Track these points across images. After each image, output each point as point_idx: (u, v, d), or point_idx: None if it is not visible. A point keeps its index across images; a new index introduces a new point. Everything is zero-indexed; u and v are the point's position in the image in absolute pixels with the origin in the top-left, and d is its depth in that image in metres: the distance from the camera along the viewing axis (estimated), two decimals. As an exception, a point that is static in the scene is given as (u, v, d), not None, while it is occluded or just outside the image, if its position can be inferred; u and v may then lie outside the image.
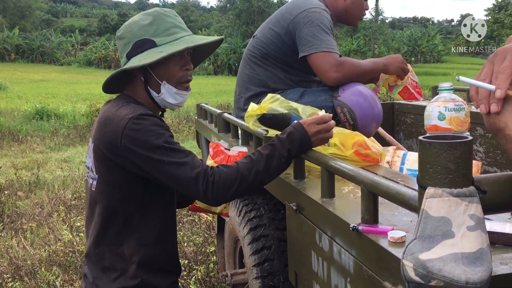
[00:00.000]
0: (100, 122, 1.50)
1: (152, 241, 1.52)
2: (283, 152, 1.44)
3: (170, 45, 1.51)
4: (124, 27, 1.56)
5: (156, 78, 1.52)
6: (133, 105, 1.47)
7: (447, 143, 0.79)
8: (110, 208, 1.49)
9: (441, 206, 0.79)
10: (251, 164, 1.42)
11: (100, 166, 1.49)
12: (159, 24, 1.53)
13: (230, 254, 2.93)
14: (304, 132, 1.47)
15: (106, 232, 1.51)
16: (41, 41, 42.78)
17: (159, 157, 1.38)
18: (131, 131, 1.39)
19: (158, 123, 1.43)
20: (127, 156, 1.41)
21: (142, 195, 1.49)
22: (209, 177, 1.38)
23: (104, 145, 1.45)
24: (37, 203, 5.34)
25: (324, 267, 1.30)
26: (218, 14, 67.35)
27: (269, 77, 2.38)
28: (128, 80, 1.57)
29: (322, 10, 2.29)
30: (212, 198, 1.39)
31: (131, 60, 1.51)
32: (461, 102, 1.08)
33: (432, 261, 0.78)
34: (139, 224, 1.50)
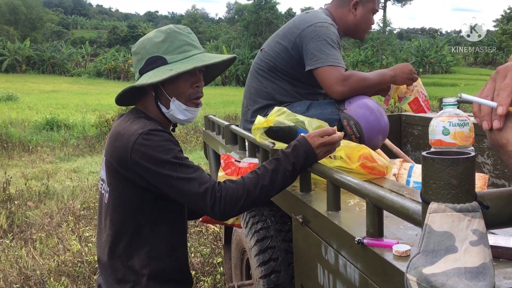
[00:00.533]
0: (111, 136, 1.53)
1: (162, 254, 1.54)
2: (288, 166, 1.46)
3: (180, 63, 1.53)
4: (138, 43, 1.60)
5: (166, 94, 1.55)
6: (143, 120, 1.50)
7: (450, 159, 0.80)
8: (121, 221, 1.52)
9: (444, 221, 0.81)
10: (257, 179, 1.44)
11: (111, 179, 1.52)
12: (171, 42, 1.56)
13: (237, 265, 2.94)
14: (309, 145, 1.49)
15: (117, 244, 1.53)
16: (52, 52, 43.35)
17: (168, 172, 1.40)
18: (140, 146, 1.42)
19: (167, 139, 1.46)
20: (137, 170, 1.44)
21: (152, 209, 1.51)
22: (216, 192, 1.40)
23: (115, 159, 1.48)
24: (47, 213, 5.38)
25: (330, 280, 1.31)
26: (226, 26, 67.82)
27: (276, 90, 2.40)
28: (140, 95, 1.60)
29: (329, 25, 2.31)
30: (220, 213, 1.41)
31: (143, 76, 1.54)
32: (465, 117, 1.09)
33: (435, 275, 0.79)
34: (149, 237, 1.52)
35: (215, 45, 43.71)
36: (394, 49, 41.58)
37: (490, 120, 0.85)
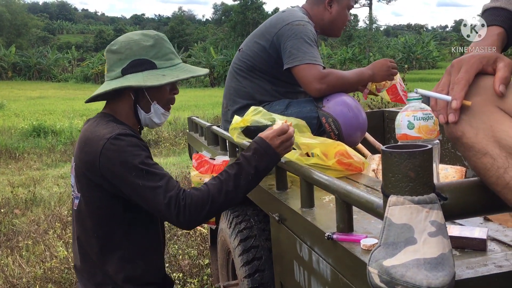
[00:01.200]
0: (80, 141, 1.53)
1: (136, 257, 1.54)
2: (250, 169, 1.46)
3: (170, 70, 1.56)
4: (121, 43, 1.58)
5: (149, 98, 1.56)
6: (112, 124, 1.50)
7: (407, 152, 0.81)
8: (92, 227, 1.52)
9: (403, 214, 0.82)
10: (221, 185, 1.44)
11: (81, 185, 1.52)
12: (159, 48, 1.57)
13: (223, 266, 2.94)
14: (269, 146, 1.49)
15: (90, 250, 1.53)
16: (38, 58, 43.03)
17: (134, 179, 1.40)
18: (108, 151, 1.42)
19: (135, 144, 1.46)
20: (105, 176, 1.44)
21: (123, 213, 1.51)
22: (180, 201, 1.39)
23: (83, 164, 1.48)
24: (34, 220, 5.34)
25: (305, 276, 1.32)
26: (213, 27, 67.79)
27: (255, 89, 2.41)
28: (113, 95, 1.59)
29: (306, 23, 2.32)
30: (185, 223, 1.41)
31: (126, 77, 1.53)
32: (429, 111, 1.11)
33: (395, 267, 0.80)
34: (121, 242, 1.52)
35: (203, 47, 43.64)
36: (381, 46, 41.78)
37: (445, 114, 0.86)
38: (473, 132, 0.85)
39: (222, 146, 2.54)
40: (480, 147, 0.84)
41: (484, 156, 0.84)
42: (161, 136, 10.98)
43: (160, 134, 11.11)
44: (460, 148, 0.88)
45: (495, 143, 0.82)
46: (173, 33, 60.50)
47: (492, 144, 0.83)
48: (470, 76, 0.87)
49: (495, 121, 0.83)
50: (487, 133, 0.83)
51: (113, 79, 1.56)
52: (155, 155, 9.70)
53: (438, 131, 1.13)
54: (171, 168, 7.51)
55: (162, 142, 10.62)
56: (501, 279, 0.87)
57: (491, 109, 0.85)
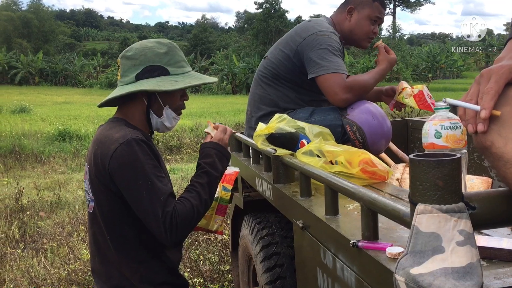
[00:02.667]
0: (93, 145, 1.58)
1: (148, 258, 1.58)
2: (218, 174, 1.62)
3: (182, 77, 1.62)
4: (136, 50, 1.63)
5: (161, 102, 1.61)
6: (125, 128, 1.54)
7: (435, 161, 0.82)
8: (106, 229, 1.55)
9: (431, 222, 0.82)
10: (198, 196, 1.53)
11: (94, 188, 1.56)
12: (172, 55, 1.64)
13: (244, 272, 2.95)
14: (225, 149, 1.68)
15: (106, 252, 1.57)
16: (64, 64, 43.95)
17: (138, 188, 1.45)
18: (119, 155, 1.46)
19: (145, 152, 1.50)
20: (113, 179, 1.48)
21: (133, 216, 1.53)
22: (173, 220, 1.45)
23: (95, 167, 1.52)
24: (58, 223, 5.45)
25: (329, 283, 1.32)
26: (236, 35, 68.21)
27: (279, 97, 2.42)
28: (126, 100, 1.63)
29: (331, 33, 2.33)
30: (174, 240, 1.48)
31: (140, 82, 1.58)
32: (457, 120, 1.10)
33: (422, 275, 0.80)
34: (134, 243, 1.56)
35: (225, 54, 43.96)
36: (404, 55, 41.42)
37: (474, 124, 0.86)
38: (503, 142, 0.84)
39: (245, 152, 2.56)
40: (510, 157, 0.83)
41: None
42: (183, 142, 11.08)
43: (182, 140, 11.22)
44: (489, 158, 0.87)
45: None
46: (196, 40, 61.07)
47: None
48: (500, 86, 0.87)
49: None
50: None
51: (127, 84, 1.60)
52: (177, 161, 9.80)
53: (465, 140, 1.12)
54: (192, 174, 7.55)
55: (184, 148, 10.71)
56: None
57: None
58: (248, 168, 2.34)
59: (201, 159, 1.64)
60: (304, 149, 1.73)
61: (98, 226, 1.58)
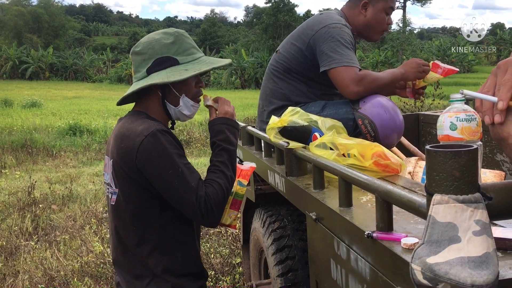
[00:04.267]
0: (116, 138, 1.58)
1: (173, 249, 1.60)
2: (234, 147, 1.66)
3: (192, 64, 1.63)
4: (144, 44, 1.64)
5: (176, 92, 1.62)
6: (147, 121, 1.56)
7: (452, 152, 0.82)
8: (131, 221, 1.57)
9: (447, 212, 0.83)
10: (223, 174, 1.58)
11: (119, 180, 1.57)
12: (180, 44, 1.64)
13: (255, 264, 2.97)
14: (233, 121, 1.71)
15: (130, 243, 1.59)
16: (74, 59, 44.20)
17: (169, 177, 1.48)
18: (146, 147, 1.48)
19: (171, 142, 1.52)
20: (141, 171, 1.50)
21: (159, 208, 1.56)
22: (207, 202, 1.50)
23: (121, 159, 1.54)
24: (70, 216, 5.51)
25: (343, 274, 1.33)
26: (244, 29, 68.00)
27: (291, 90, 2.43)
28: (141, 95, 1.65)
29: (342, 26, 2.33)
30: (211, 222, 1.54)
31: (151, 76, 1.60)
32: (473, 112, 1.11)
33: (439, 264, 0.81)
34: (159, 235, 1.58)
35: (234, 49, 43.93)
36: (414, 49, 41.06)
37: (491, 115, 0.87)
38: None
39: (257, 146, 2.57)
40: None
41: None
42: (193, 136, 11.12)
43: (192, 134, 11.25)
44: (506, 149, 0.88)
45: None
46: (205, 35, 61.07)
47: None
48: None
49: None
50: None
51: (140, 79, 1.62)
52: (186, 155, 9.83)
53: (481, 133, 1.13)
54: (202, 168, 7.59)
55: (194, 143, 10.75)
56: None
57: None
58: (260, 161, 2.36)
59: (214, 137, 1.66)
60: (317, 142, 1.74)
61: (121, 218, 1.60)
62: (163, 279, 1.56)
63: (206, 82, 38.51)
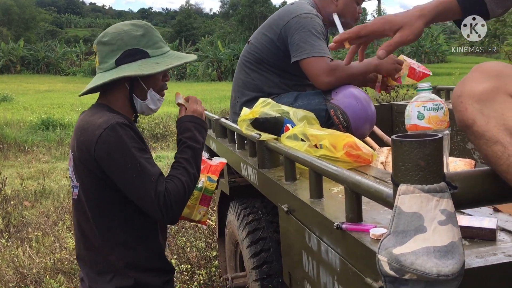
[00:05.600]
0: (76, 131, 1.55)
1: (136, 244, 1.57)
2: (200, 145, 1.64)
3: (162, 58, 1.61)
4: (112, 34, 1.60)
5: (144, 86, 1.60)
6: (107, 114, 1.52)
7: (417, 141, 0.82)
8: (92, 215, 1.54)
9: (413, 202, 0.82)
10: (186, 171, 1.56)
11: (79, 174, 1.54)
12: (150, 37, 1.62)
13: (231, 257, 2.96)
14: (201, 119, 1.68)
15: (92, 238, 1.56)
16: (46, 52, 43.24)
17: (127, 172, 1.45)
18: (104, 141, 1.45)
19: (131, 135, 1.49)
20: (100, 164, 1.47)
21: (122, 201, 1.53)
22: (167, 199, 1.46)
23: (80, 153, 1.51)
24: (43, 212, 5.40)
25: (314, 266, 1.32)
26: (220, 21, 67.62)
27: (263, 81, 2.41)
28: (107, 86, 1.60)
29: (313, 16, 2.32)
30: (171, 219, 1.51)
31: (121, 67, 1.56)
32: (440, 101, 1.11)
33: (405, 255, 0.81)
34: (122, 229, 1.55)
35: (210, 40, 43.59)
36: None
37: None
38: (484, 120, 0.85)
39: (230, 138, 2.55)
40: (491, 135, 0.84)
41: (495, 144, 0.84)
42: (169, 129, 11.02)
43: (168, 127, 11.15)
44: (471, 137, 0.88)
45: (506, 131, 0.82)
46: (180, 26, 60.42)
47: (503, 132, 0.83)
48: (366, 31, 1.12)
49: (507, 109, 0.83)
50: (498, 121, 0.83)
51: (106, 70, 1.58)
52: (163, 149, 9.75)
53: (448, 121, 1.13)
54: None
55: (170, 136, 10.66)
56: (510, 268, 0.88)
57: (503, 97, 0.85)
58: (233, 153, 2.34)
59: (181, 134, 1.64)
60: (288, 133, 1.73)
61: (83, 213, 1.57)
62: (126, 275, 1.54)
63: (182, 74, 38.22)
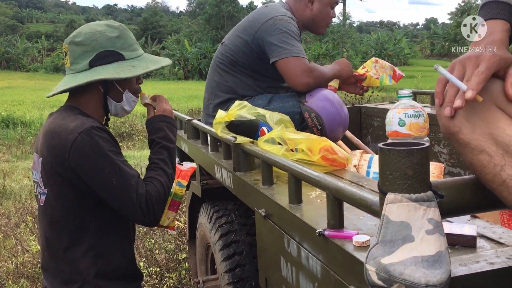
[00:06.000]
0: (46, 135, 1.48)
1: (107, 252, 1.53)
2: (173, 144, 1.62)
3: (138, 61, 1.58)
4: (86, 35, 1.54)
5: (119, 88, 1.57)
6: (80, 117, 1.47)
7: (405, 150, 0.81)
8: (62, 223, 1.48)
9: (401, 211, 0.82)
10: (164, 172, 1.54)
11: (49, 180, 1.48)
12: (125, 39, 1.58)
13: (201, 260, 2.93)
14: (171, 118, 1.66)
15: (60, 246, 1.50)
16: (6, 47, 41.82)
17: (107, 176, 1.41)
18: (79, 146, 1.40)
19: (106, 139, 1.45)
20: (75, 170, 1.42)
21: (94, 208, 1.48)
22: (148, 201, 1.44)
23: (51, 158, 1.45)
24: (4, 213, 5.21)
25: (293, 272, 1.31)
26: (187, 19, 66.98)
27: (237, 83, 2.39)
28: (79, 88, 1.54)
29: (288, 18, 2.32)
30: (152, 221, 1.49)
31: (95, 69, 1.51)
32: (420, 108, 1.12)
33: (393, 265, 0.80)
34: (93, 236, 1.50)
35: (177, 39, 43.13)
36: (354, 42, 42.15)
37: (452, 107, 0.87)
38: (470, 128, 0.85)
39: (203, 140, 2.52)
40: (477, 144, 0.85)
41: (480, 153, 0.85)
42: (135, 128, 10.85)
43: (134, 126, 10.97)
44: (456, 144, 0.89)
45: (492, 140, 0.83)
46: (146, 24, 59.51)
47: (489, 142, 0.84)
48: (489, 74, 0.88)
49: (493, 118, 0.84)
50: (484, 130, 0.84)
51: (79, 72, 1.52)
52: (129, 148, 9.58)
53: (428, 128, 1.14)
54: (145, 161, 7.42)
55: (136, 135, 10.49)
56: (493, 276, 0.89)
57: (490, 107, 0.86)
58: (206, 156, 2.30)
59: (153, 134, 1.61)
60: (266, 137, 1.71)
61: (51, 220, 1.51)
62: (95, 284, 1.48)
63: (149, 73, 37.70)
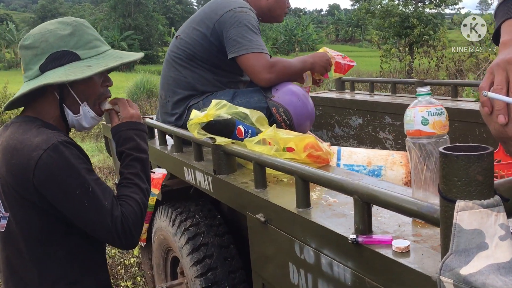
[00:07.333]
0: (4, 152, 1.30)
1: (81, 278, 1.38)
2: (146, 154, 1.48)
3: (96, 59, 1.40)
4: (35, 36, 1.37)
5: (76, 96, 1.39)
6: (45, 131, 1.31)
7: (476, 155, 0.79)
8: (28, 250, 1.32)
9: (473, 219, 0.80)
10: (138, 188, 1.40)
11: (9, 203, 1.30)
12: (80, 36, 1.40)
13: (160, 265, 2.79)
14: (141, 125, 1.50)
15: (27, 275, 1.33)
16: None
17: (77, 198, 1.26)
18: (46, 164, 1.24)
19: (77, 155, 1.30)
20: (40, 191, 1.25)
21: (63, 232, 1.33)
22: (124, 223, 1.31)
23: (12, 178, 1.27)
24: None
25: (309, 279, 1.26)
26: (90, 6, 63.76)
27: (196, 79, 2.28)
28: (35, 96, 1.38)
29: (248, 10, 2.24)
30: (130, 244, 1.36)
31: (46, 74, 1.34)
32: (441, 106, 1.11)
33: (473, 275, 0.78)
34: (63, 264, 1.35)
35: (80, 28, 40.84)
36: (264, 29, 42.67)
37: (506, 114, 0.86)
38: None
39: (161, 140, 2.37)
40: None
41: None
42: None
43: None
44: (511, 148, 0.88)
45: None
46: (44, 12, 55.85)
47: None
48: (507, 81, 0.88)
49: None
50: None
51: (32, 78, 1.36)
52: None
53: (448, 126, 1.13)
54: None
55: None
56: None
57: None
58: (170, 157, 2.17)
59: (122, 145, 1.44)
60: (257, 138, 1.64)
61: (14, 247, 1.33)
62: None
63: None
